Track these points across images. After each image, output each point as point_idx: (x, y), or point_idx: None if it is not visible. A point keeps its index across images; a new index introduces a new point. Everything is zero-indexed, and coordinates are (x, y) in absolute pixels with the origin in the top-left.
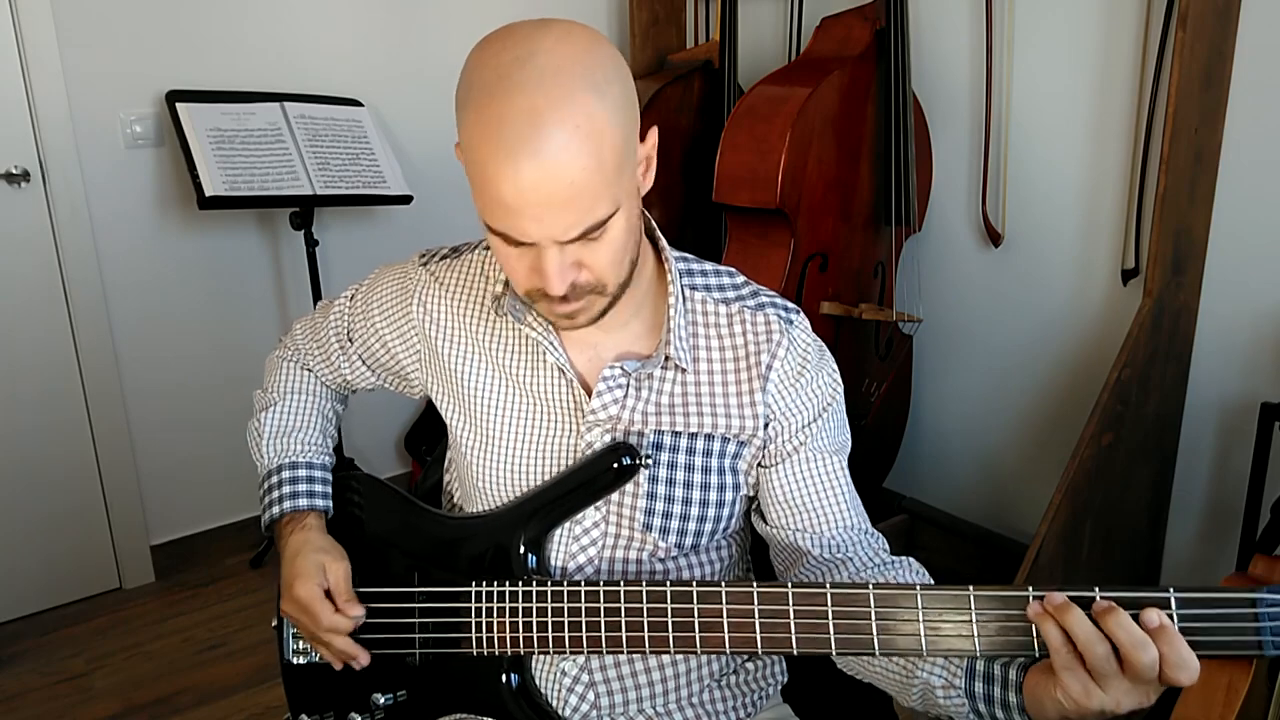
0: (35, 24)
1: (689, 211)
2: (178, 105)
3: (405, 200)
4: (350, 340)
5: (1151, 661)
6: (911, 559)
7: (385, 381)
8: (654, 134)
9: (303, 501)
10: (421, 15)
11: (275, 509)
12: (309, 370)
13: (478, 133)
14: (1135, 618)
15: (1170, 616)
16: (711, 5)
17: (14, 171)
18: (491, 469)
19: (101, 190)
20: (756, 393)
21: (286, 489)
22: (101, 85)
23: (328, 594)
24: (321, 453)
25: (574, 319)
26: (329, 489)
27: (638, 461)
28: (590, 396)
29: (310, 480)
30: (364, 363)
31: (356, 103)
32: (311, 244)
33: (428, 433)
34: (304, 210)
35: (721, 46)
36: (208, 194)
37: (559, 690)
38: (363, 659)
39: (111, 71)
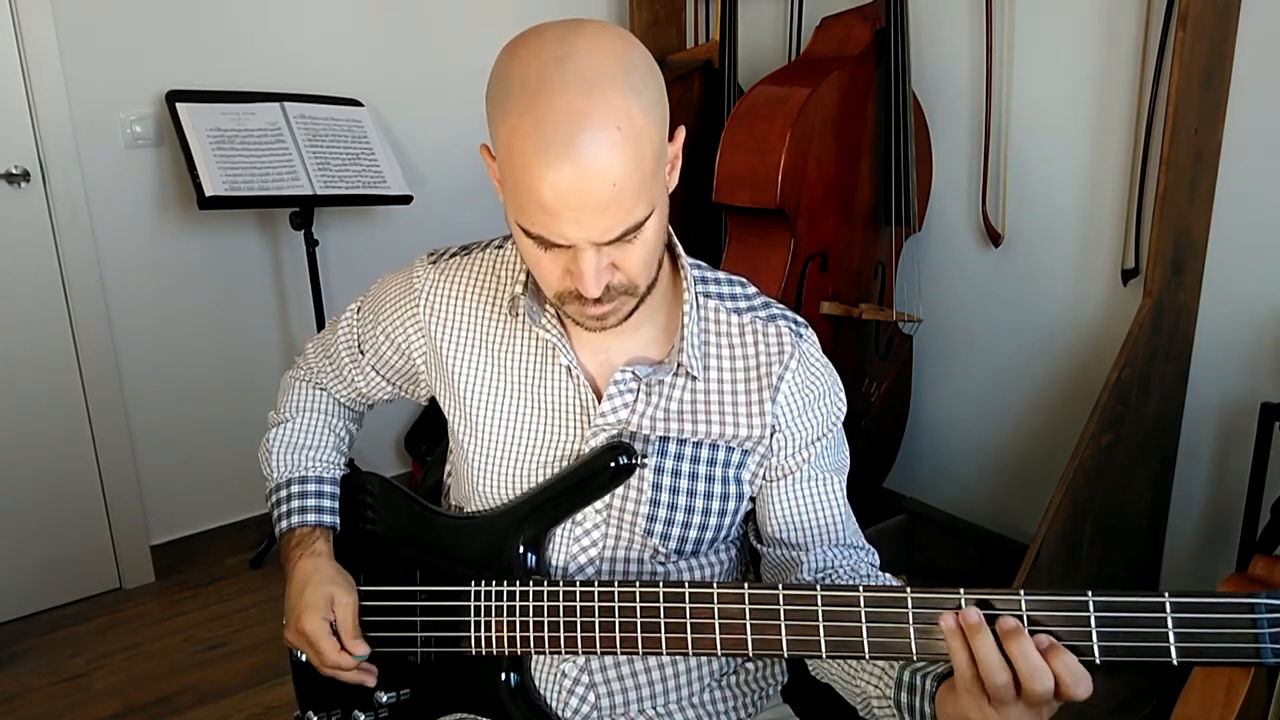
0: (35, 24)
1: (689, 211)
2: (178, 105)
3: (405, 200)
4: (361, 352)
5: (1046, 691)
6: (892, 577)
7: (401, 389)
8: (681, 133)
9: (311, 517)
10: (421, 15)
11: (283, 523)
12: (322, 389)
13: (517, 135)
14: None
15: (1165, 622)
16: (711, 5)
17: (14, 171)
18: (491, 474)
19: (101, 190)
20: (766, 403)
21: (295, 503)
22: (101, 85)
23: (333, 627)
24: (332, 468)
25: (604, 320)
26: (336, 504)
27: (635, 461)
28: (599, 401)
29: (319, 495)
30: (377, 372)
31: (356, 103)
32: (311, 244)
33: (428, 433)
34: (304, 210)
35: (721, 46)
36: (208, 194)
37: (559, 692)
38: (369, 682)
39: (111, 71)
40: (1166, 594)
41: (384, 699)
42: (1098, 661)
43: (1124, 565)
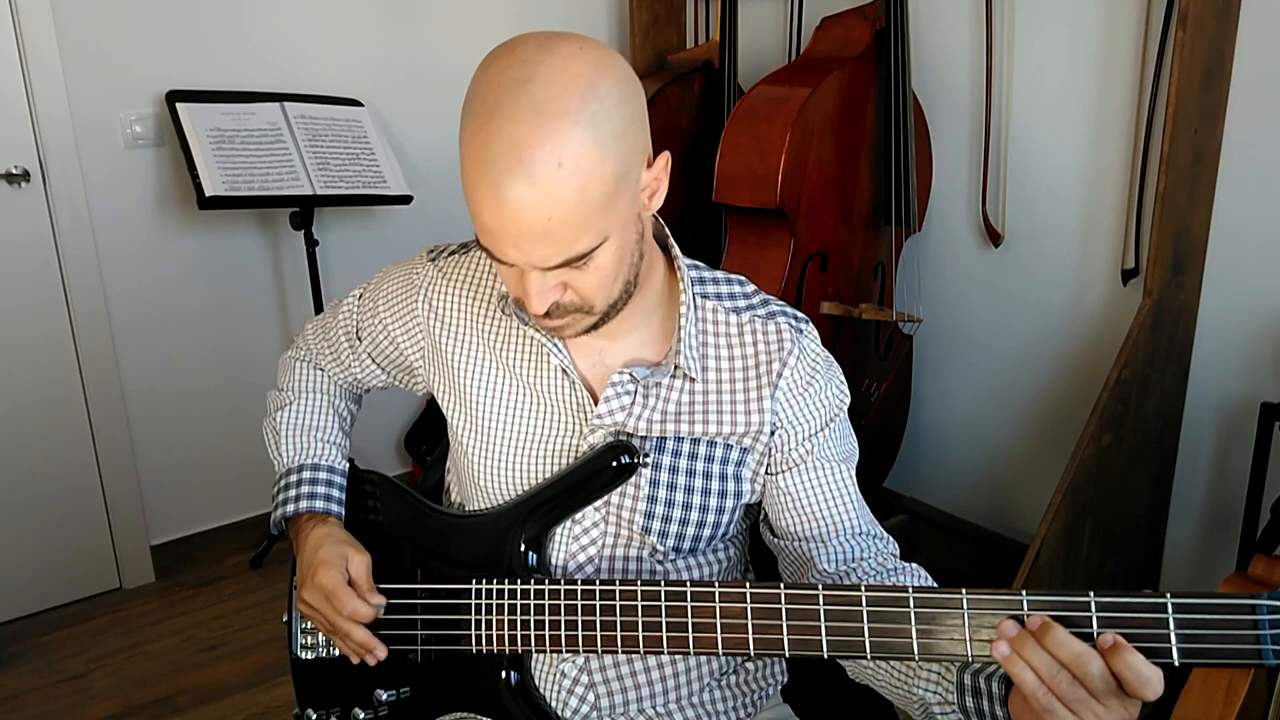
0: (35, 24)
1: (689, 211)
2: (178, 105)
3: (405, 200)
4: (359, 338)
5: (1098, 672)
6: (919, 567)
7: (395, 379)
8: (665, 158)
9: (319, 504)
10: (421, 15)
11: (291, 506)
12: (321, 370)
13: (468, 153)
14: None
15: (1166, 623)
16: (711, 5)
17: (14, 171)
18: (491, 468)
19: (101, 190)
20: (765, 399)
21: (305, 489)
22: (101, 85)
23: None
24: (340, 454)
25: (560, 332)
26: (344, 496)
27: (636, 460)
28: (596, 401)
29: (329, 484)
30: (373, 360)
31: (356, 103)
32: (311, 244)
33: (428, 433)
34: (304, 210)
35: (721, 46)
36: (208, 194)
37: (559, 692)
38: (380, 652)
39: (111, 71)
40: (1168, 594)
41: (384, 697)
42: None
43: (1124, 565)
